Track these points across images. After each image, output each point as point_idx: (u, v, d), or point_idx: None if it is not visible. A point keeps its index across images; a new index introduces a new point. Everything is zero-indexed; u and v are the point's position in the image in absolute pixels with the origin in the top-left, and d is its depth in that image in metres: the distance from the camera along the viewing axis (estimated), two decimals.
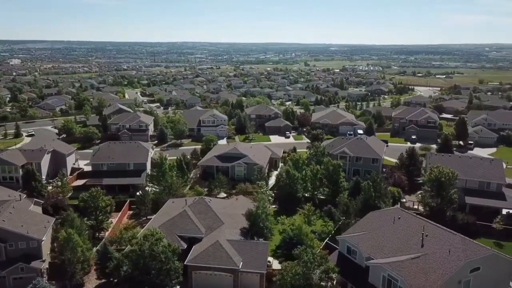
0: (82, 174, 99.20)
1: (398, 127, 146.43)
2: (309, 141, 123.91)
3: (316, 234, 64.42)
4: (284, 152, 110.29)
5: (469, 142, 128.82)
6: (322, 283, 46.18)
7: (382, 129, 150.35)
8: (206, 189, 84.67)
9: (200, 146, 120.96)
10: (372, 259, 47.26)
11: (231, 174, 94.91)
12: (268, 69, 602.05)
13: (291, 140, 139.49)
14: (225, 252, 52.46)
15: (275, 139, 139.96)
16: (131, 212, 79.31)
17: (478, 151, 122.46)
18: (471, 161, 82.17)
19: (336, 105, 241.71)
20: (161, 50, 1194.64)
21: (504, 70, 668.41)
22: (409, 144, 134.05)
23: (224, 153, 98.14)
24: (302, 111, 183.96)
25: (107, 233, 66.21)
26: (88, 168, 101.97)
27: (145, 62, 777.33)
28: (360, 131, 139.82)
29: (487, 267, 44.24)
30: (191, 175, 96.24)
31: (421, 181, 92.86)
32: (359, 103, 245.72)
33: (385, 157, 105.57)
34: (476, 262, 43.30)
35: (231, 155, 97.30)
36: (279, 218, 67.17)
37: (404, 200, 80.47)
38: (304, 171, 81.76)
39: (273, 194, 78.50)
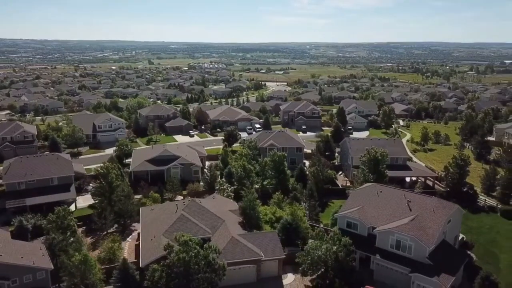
0: None
1: (288, 119, 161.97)
2: (222, 138, 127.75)
3: None
4: None
5: (349, 127, 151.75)
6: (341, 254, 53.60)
7: (273, 122, 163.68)
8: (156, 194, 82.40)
9: (101, 153, 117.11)
10: (374, 227, 56.59)
11: (166, 177, 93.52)
12: (114, 68, 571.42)
13: (197, 138, 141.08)
14: (244, 245, 55.14)
15: (179, 138, 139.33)
16: (81, 228, 72.48)
17: (356, 135, 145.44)
18: (380, 142, 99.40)
19: (209, 102, 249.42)
20: None
21: (326, 65, 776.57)
22: (301, 133, 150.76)
23: (157, 156, 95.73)
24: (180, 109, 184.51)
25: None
26: None
27: None
28: (258, 125, 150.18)
29: (454, 219, 58.18)
30: None
31: (336, 163, 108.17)
32: (230, 99, 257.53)
33: None
34: (451, 216, 56.58)
35: (164, 158, 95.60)
36: (261, 209, 71.23)
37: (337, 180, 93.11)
38: (252, 165, 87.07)
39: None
